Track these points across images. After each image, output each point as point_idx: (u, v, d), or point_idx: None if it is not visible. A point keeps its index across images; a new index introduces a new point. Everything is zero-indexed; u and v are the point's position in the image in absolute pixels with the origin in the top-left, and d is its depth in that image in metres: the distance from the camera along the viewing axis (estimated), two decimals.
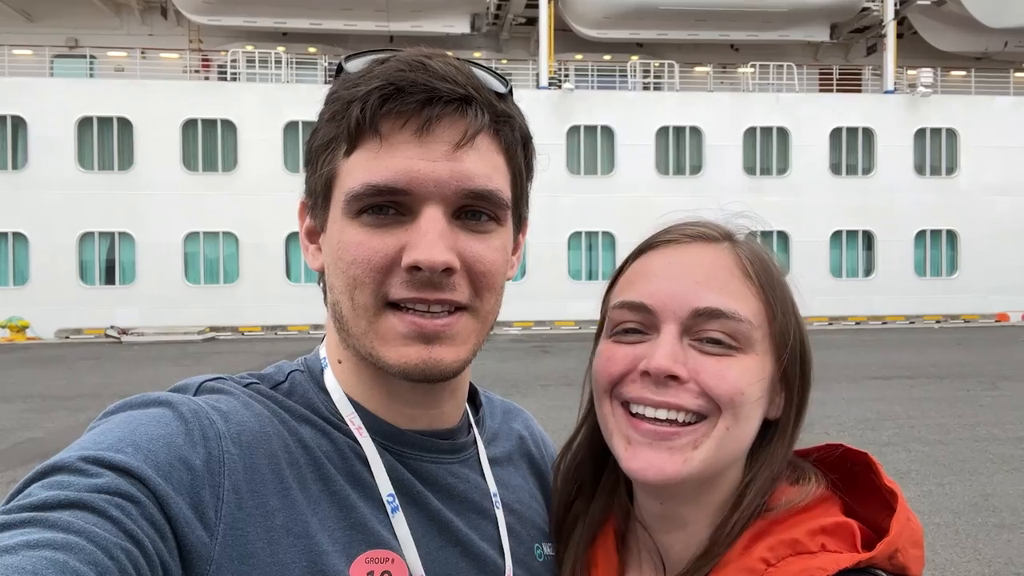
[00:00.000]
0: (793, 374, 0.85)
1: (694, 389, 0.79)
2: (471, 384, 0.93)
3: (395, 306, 0.75)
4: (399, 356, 0.75)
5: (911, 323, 24.16)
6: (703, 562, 0.80)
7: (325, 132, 0.77)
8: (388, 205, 0.74)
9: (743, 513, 0.80)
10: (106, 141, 22.04)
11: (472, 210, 0.76)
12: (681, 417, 0.80)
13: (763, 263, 0.85)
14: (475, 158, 0.75)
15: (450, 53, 0.79)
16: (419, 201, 0.74)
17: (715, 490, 0.83)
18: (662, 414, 0.80)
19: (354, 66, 0.78)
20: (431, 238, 0.72)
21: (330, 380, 0.82)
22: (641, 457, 0.80)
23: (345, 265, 0.75)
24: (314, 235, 0.83)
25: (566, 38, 25.63)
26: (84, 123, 21.87)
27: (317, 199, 0.79)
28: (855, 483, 0.85)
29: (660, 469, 0.79)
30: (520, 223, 0.85)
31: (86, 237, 21.93)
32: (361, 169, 0.74)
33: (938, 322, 24.13)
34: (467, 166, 0.74)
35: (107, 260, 22.23)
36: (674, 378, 0.79)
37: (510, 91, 0.80)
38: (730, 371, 0.80)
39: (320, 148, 0.77)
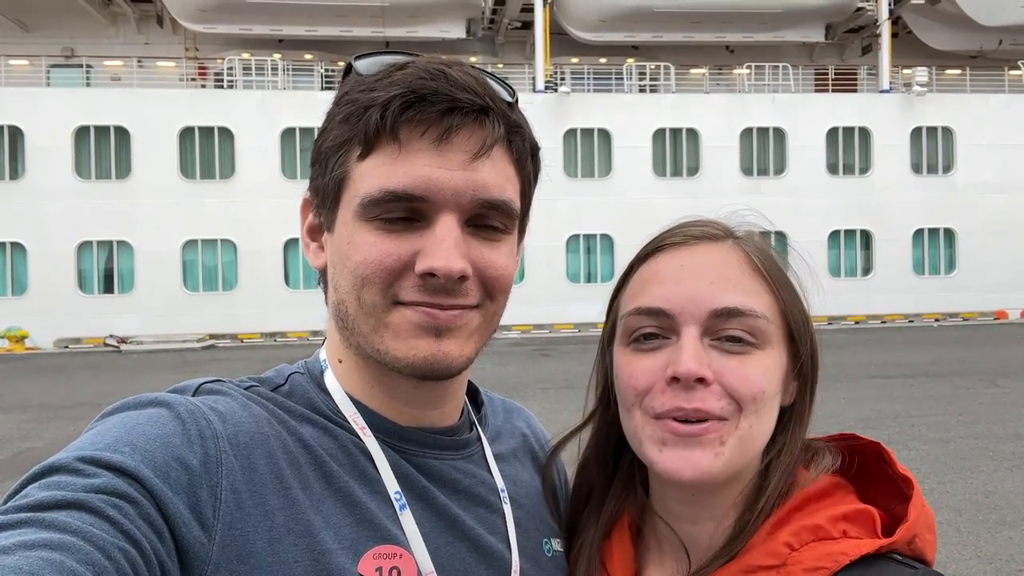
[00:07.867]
0: (808, 363, 0.87)
1: (718, 391, 0.80)
2: (472, 383, 0.94)
3: (404, 303, 0.75)
4: (409, 348, 0.75)
5: (910, 322, 24.16)
6: (732, 547, 0.81)
7: (338, 134, 0.76)
8: (402, 211, 0.74)
9: (769, 499, 0.82)
10: (103, 150, 22.02)
11: (482, 218, 0.77)
12: (708, 418, 0.81)
13: (769, 257, 0.87)
14: (490, 168, 0.75)
15: (443, 57, 0.79)
16: (435, 208, 0.74)
17: (739, 480, 0.85)
18: (693, 417, 0.81)
19: (366, 67, 0.78)
20: (447, 246, 0.73)
21: (330, 380, 0.82)
22: (677, 456, 0.80)
23: (354, 264, 0.75)
24: (316, 233, 0.83)
25: (561, 41, 25.65)
26: (81, 132, 21.86)
27: (326, 199, 0.79)
28: (866, 472, 0.86)
29: (695, 465, 0.80)
30: (522, 232, 0.86)
31: (84, 246, 21.91)
32: (378, 174, 0.74)
33: (937, 320, 24.13)
34: (483, 176, 0.75)
35: (105, 269, 22.19)
36: (700, 381, 0.80)
37: (516, 100, 0.81)
38: (752, 370, 0.81)
39: (331, 149, 0.77)
